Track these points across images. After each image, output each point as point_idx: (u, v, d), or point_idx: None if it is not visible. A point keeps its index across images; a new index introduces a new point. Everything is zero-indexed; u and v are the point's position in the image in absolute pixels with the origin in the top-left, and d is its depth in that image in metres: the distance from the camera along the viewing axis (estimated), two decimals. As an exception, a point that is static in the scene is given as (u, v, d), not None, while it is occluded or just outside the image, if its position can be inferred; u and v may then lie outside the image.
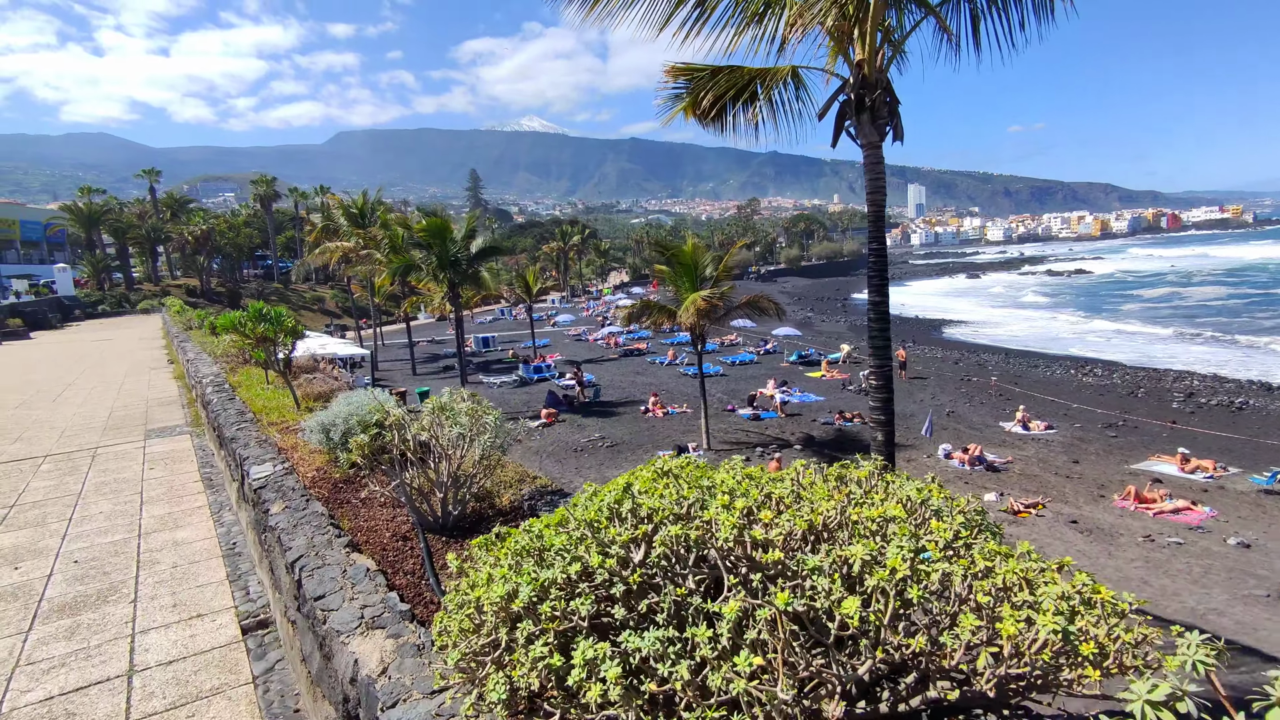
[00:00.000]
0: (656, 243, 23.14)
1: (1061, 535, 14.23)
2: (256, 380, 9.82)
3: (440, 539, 4.46)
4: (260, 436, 6.85)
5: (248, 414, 7.85)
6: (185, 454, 9.83)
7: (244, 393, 9.14)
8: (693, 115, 10.85)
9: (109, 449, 10.36)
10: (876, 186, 7.71)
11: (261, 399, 8.65)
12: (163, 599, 5.25)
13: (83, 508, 7.56)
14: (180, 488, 8.16)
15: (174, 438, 10.77)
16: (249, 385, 9.48)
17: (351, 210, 39.39)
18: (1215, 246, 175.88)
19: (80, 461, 9.66)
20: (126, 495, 7.91)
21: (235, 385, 9.44)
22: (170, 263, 78.63)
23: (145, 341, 28.97)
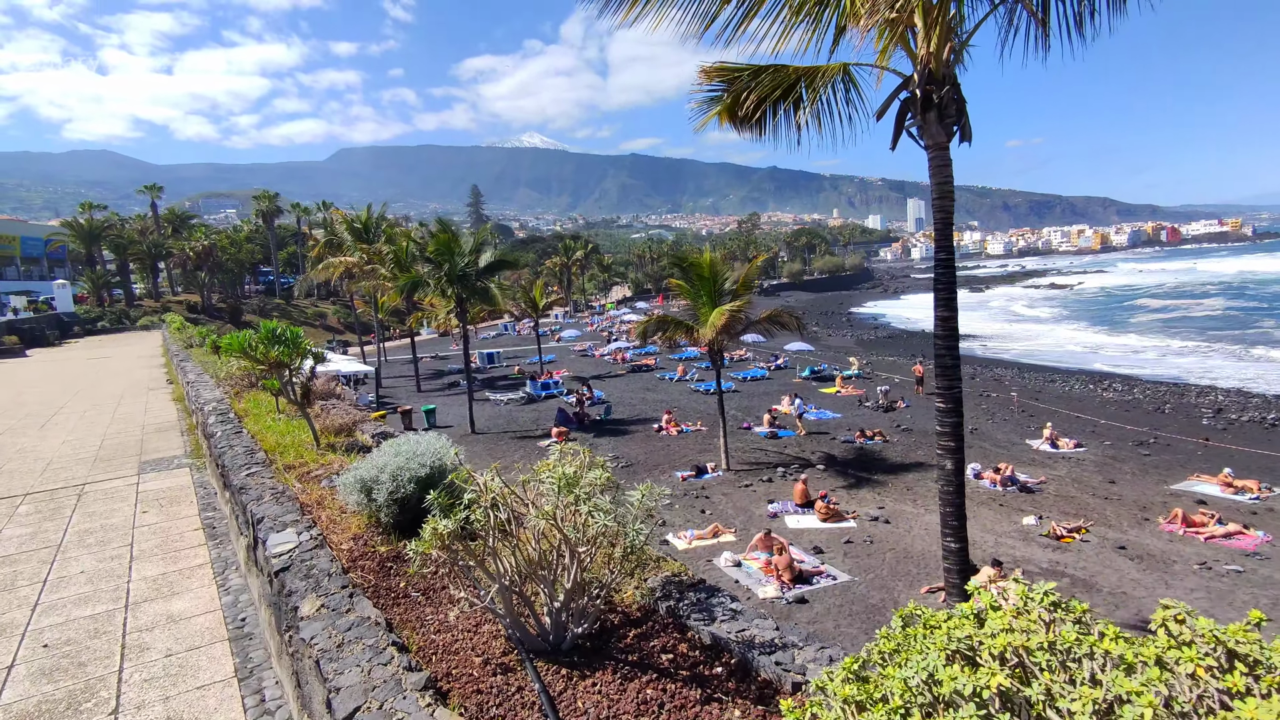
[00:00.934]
0: (674, 256, 22.47)
1: (1111, 563, 13.43)
2: (265, 408, 8.89)
3: (552, 666, 3.30)
4: (276, 486, 5.82)
5: (258, 452, 6.85)
6: (184, 493, 8.84)
7: (252, 424, 8.18)
8: (727, 120, 10.23)
9: (98, 486, 9.37)
10: (944, 191, 7.04)
11: (273, 433, 7.69)
12: (152, 709, 4.20)
13: (61, 565, 6.56)
14: (177, 538, 7.17)
15: (171, 472, 9.78)
16: (257, 414, 8.53)
17: (356, 225, 38.84)
18: (1217, 260, 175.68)
19: (64, 502, 8.68)
20: (114, 548, 6.92)
21: (241, 414, 8.52)
22: (171, 279, 78.14)
23: (144, 360, 28.23)
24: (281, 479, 6.14)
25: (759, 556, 13.83)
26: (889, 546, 14.50)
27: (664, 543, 15.04)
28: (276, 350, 6.58)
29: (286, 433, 7.62)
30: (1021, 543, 14.56)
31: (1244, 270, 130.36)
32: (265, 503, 5.37)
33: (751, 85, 8.72)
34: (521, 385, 37.86)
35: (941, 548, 7.63)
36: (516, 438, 25.75)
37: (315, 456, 6.70)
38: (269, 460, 6.75)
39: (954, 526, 7.26)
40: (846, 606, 11.93)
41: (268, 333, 6.59)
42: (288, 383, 6.73)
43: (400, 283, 26.82)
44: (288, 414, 8.26)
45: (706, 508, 17.19)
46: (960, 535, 7.28)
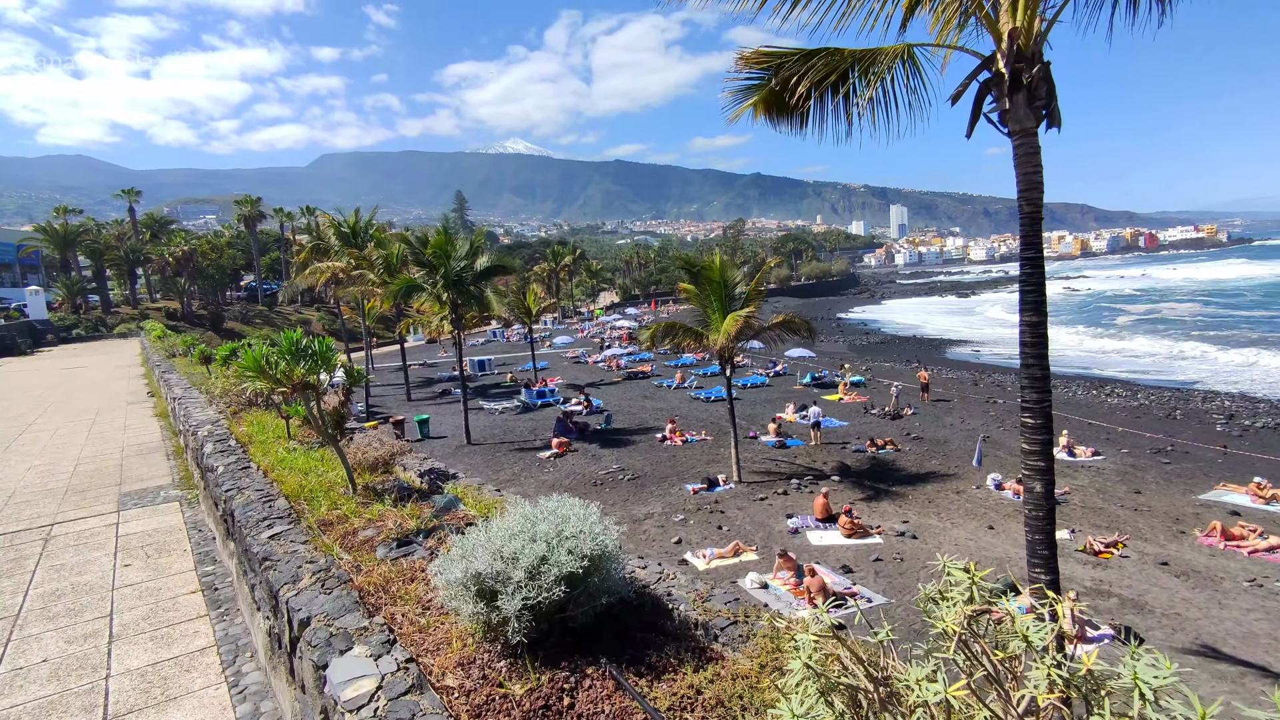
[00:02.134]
0: (684, 259, 21.71)
1: (1157, 580, 12.76)
2: (273, 432, 7.47)
3: None
4: (316, 559, 4.32)
5: (277, 499, 5.49)
6: (174, 536, 7.41)
7: (260, 454, 6.75)
8: (763, 112, 9.49)
9: (69, 528, 7.85)
10: (1032, 183, 6.29)
11: (291, 470, 6.25)
12: None
13: (17, 650, 5.15)
14: (169, 605, 5.83)
15: (157, 508, 8.31)
16: (263, 441, 7.11)
17: (343, 229, 37.67)
18: (1196, 265, 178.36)
19: (26, 550, 7.18)
20: (88, 621, 5.54)
21: (244, 440, 7.21)
22: (150, 285, 76.15)
23: (122, 370, 26.90)
24: (320, 544, 4.67)
25: (785, 577, 13.02)
26: (921, 564, 13.75)
27: (682, 562, 14.19)
28: (303, 367, 5.13)
29: (308, 469, 6.24)
30: (1058, 558, 13.84)
31: (1225, 276, 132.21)
32: (306, 589, 3.91)
33: (802, 70, 7.93)
34: (515, 393, 36.86)
35: (1029, 580, 6.85)
36: (515, 449, 24.78)
37: (355, 507, 5.25)
38: (294, 511, 5.31)
39: (1044, 557, 6.49)
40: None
41: (290, 344, 5.12)
42: (314, 407, 5.44)
43: (394, 286, 25.79)
44: (301, 440, 7.01)
45: (723, 523, 16.36)
46: (1051, 566, 6.52)
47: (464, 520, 4.77)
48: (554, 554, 3.12)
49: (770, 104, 9.23)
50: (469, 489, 5.81)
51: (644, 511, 17.39)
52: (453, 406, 33.53)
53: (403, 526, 4.74)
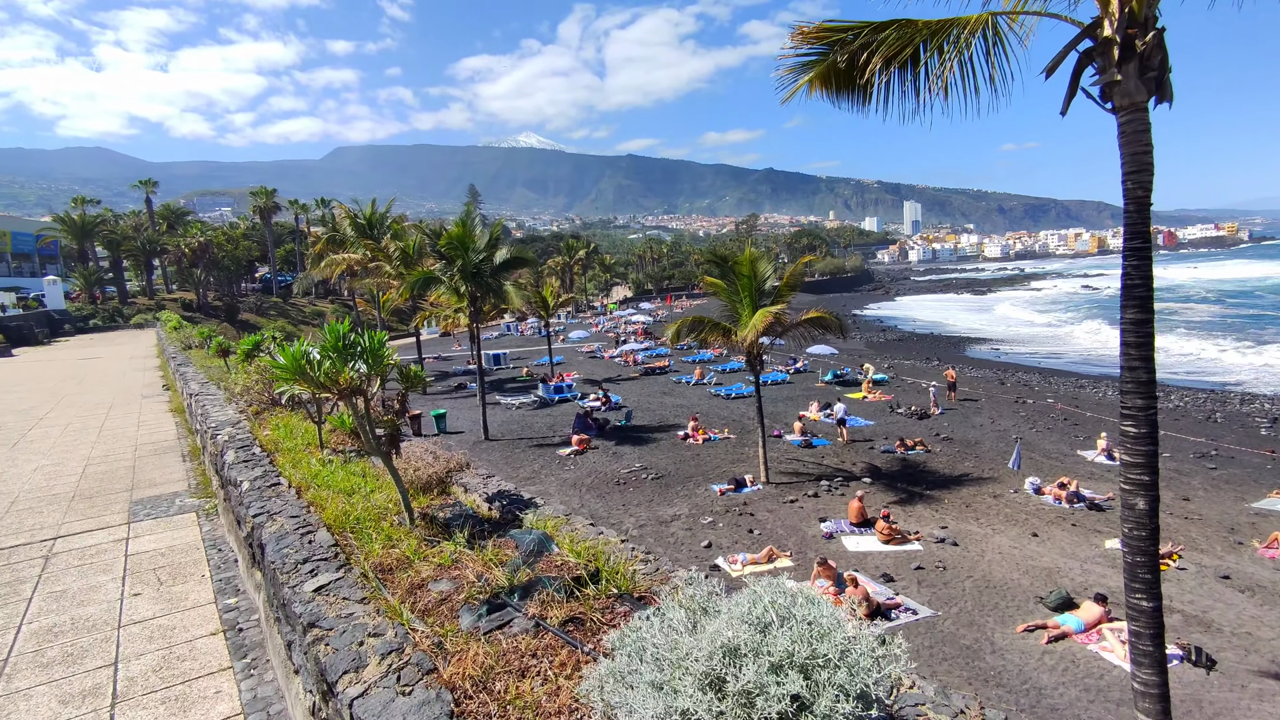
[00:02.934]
0: (712, 253, 21.06)
1: (1220, 595, 12.06)
2: (302, 438, 6.58)
3: None
4: (380, 629, 3.34)
5: (317, 530, 4.54)
6: (190, 556, 6.52)
7: (289, 464, 5.87)
8: (819, 87, 8.87)
9: (74, 542, 7.03)
10: (1141, 164, 5.64)
11: (325, 485, 5.44)
12: None
13: (3, 711, 4.45)
14: (185, 650, 4.96)
15: (172, 519, 7.45)
16: (292, 450, 6.26)
17: (359, 221, 37.27)
18: (1219, 263, 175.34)
19: (25, 569, 6.41)
20: (88, 669, 4.69)
21: (269, 447, 6.38)
22: (166, 276, 76.36)
23: (137, 361, 26.61)
24: (383, 604, 3.64)
25: (824, 585, 12.42)
26: (965, 573, 13.11)
27: (714, 567, 13.63)
28: (353, 369, 4.25)
29: (350, 488, 5.29)
30: (1111, 570, 13.18)
31: (1247, 275, 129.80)
32: (375, 684, 2.92)
33: (871, 44, 7.30)
34: (532, 388, 36.38)
35: (1126, 606, 6.22)
36: (533, 445, 24.29)
37: (417, 545, 4.34)
38: (341, 550, 4.33)
39: (1145, 581, 5.86)
40: (937, 648, 10.52)
41: (336, 339, 4.25)
42: (364, 418, 4.54)
43: (411, 278, 25.30)
44: (334, 447, 6.17)
45: (753, 526, 15.78)
46: (1154, 592, 5.89)
47: (569, 572, 3.81)
48: (817, 696, 2.03)
49: (828, 79, 8.63)
50: (555, 521, 4.86)
51: (670, 513, 16.83)
52: (468, 401, 33.09)
53: (487, 579, 3.76)
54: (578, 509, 17.25)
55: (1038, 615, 11.48)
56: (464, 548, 4.28)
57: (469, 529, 4.62)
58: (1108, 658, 10.10)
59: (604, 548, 4.12)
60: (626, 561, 3.60)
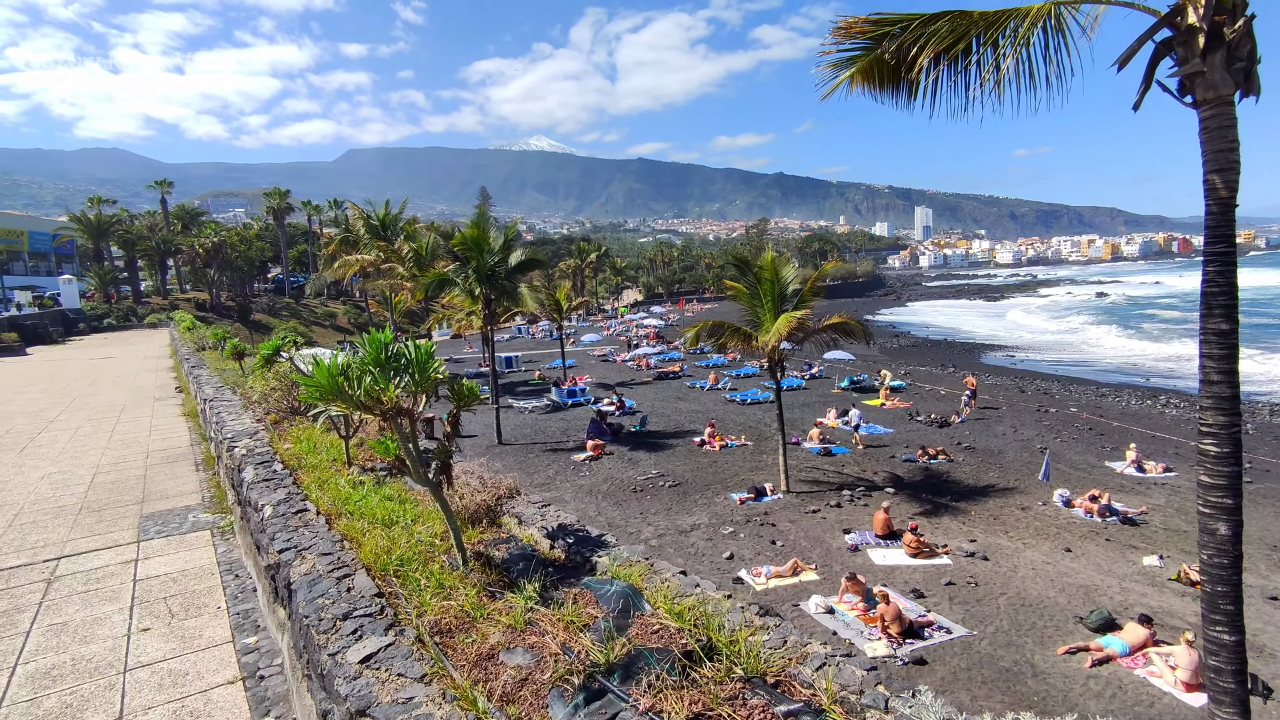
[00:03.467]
0: (734, 256, 20.69)
1: (1270, 618, 11.57)
2: (328, 453, 5.95)
3: None
4: None
5: (355, 573, 3.91)
6: (205, 583, 5.98)
7: (314, 485, 5.24)
8: (862, 83, 8.54)
9: (78, 564, 6.51)
10: (1226, 162, 5.25)
11: (359, 512, 4.83)
12: None
13: None
14: (199, 706, 4.42)
15: (184, 538, 6.95)
16: (317, 467, 5.70)
17: (373, 222, 37.15)
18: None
19: (25, 595, 5.93)
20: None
21: (292, 463, 5.79)
22: (180, 276, 76.75)
23: (150, 361, 26.48)
24: (449, 685, 3.00)
25: (852, 601, 12.01)
26: (999, 590, 12.65)
27: (737, 581, 13.23)
28: (400, 385, 3.71)
29: (387, 517, 4.68)
30: (1151, 589, 12.69)
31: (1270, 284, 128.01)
32: None
33: (921, 37, 6.94)
34: (544, 392, 36.10)
35: (1204, 639, 5.79)
36: (547, 450, 23.98)
37: (478, 599, 3.71)
38: (386, 598, 3.66)
39: (1228, 613, 5.44)
40: (975, 670, 10.08)
41: (377, 350, 3.70)
42: (411, 442, 3.94)
43: (426, 279, 25.07)
44: (363, 464, 5.63)
45: (775, 537, 15.36)
46: (1236, 625, 5.46)
47: (674, 642, 3.04)
48: None
49: (870, 75, 8.30)
50: (638, 568, 4.02)
51: (689, 522, 16.45)
52: (482, 405, 32.83)
53: (578, 652, 3.02)
54: (594, 517, 16.89)
55: (1078, 636, 11.02)
56: (536, 603, 3.58)
57: (538, 576, 3.95)
58: (1156, 684, 9.65)
59: (708, 607, 3.40)
60: (744, 629, 3.00)
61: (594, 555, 4.11)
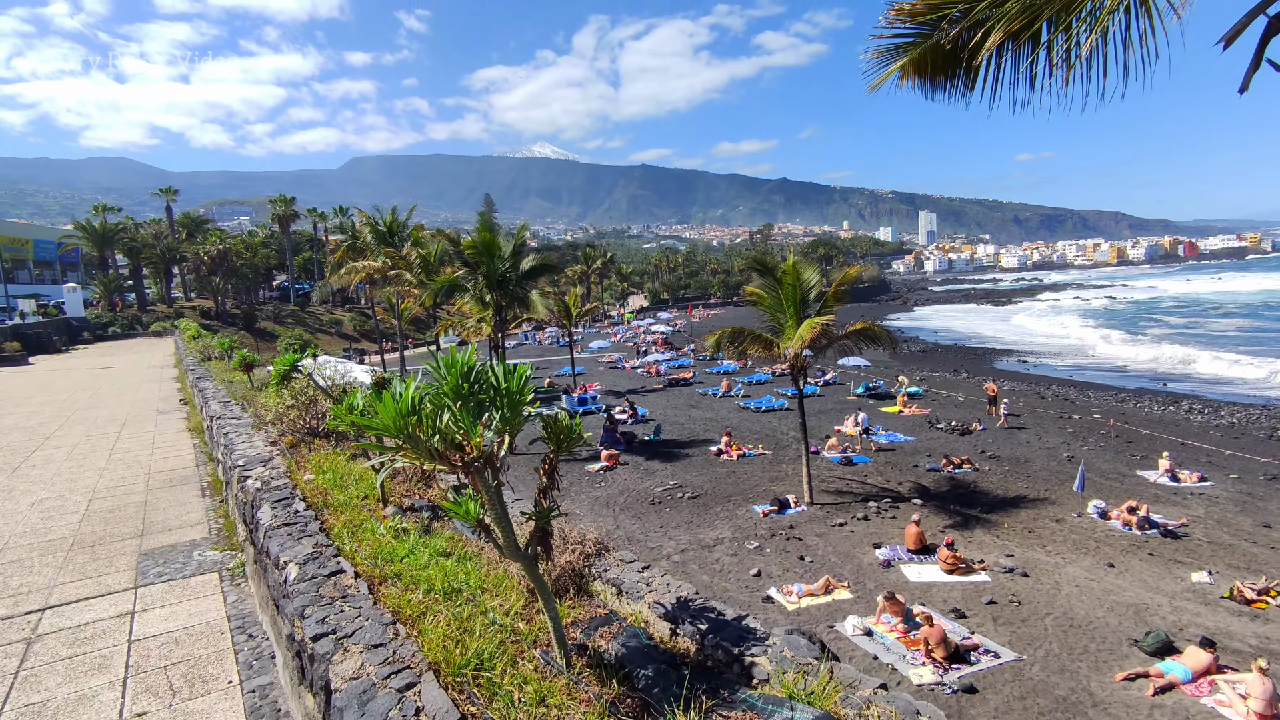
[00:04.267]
0: (755, 260, 20.16)
1: (1335, 639, 10.91)
2: (353, 485, 4.98)
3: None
4: None
5: (417, 671, 2.95)
6: (213, 645, 5.00)
7: (341, 526, 4.40)
8: (913, 74, 7.98)
9: (65, 618, 5.44)
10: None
11: (408, 575, 3.93)
12: None
13: None
14: None
15: (189, 581, 5.98)
16: (344, 505, 4.70)
17: (380, 228, 36.72)
18: (1244, 276, 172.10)
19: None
20: None
21: (316, 501, 4.82)
22: (185, 284, 76.50)
23: (154, 371, 25.98)
24: None
25: (891, 622, 11.40)
26: (1044, 609, 12.02)
27: (767, 600, 12.62)
28: (494, 426, 2.88)
29: (446, 582, 3.67)
30: (1204, 607, 12.04)
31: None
32: None
33: (988, 20, 6.37)
34: (554, 399, 35.55)
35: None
36: (560, 459, 23.35)
37: (567, 696, 2.87)
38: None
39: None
40: (1030, 699, 9.46)
41: (460, 376, 2.75)
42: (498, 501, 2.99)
43: (435, 285, 24.59)
44: (400, 501, 4.60)
45: (803, 553, 14.75)
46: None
47: None
48: None
49: (923, 65, 7.70)
50: (827, 688, 2.85)
51: (712, 536, 15.85)
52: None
53: None
54: (613, 530, 16.30)
55: (1134, 660, 10.38)
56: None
57: (676, 689, 2.79)
58: (1227, 714, 9.00)
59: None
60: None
61: (745, 650, 2.97)
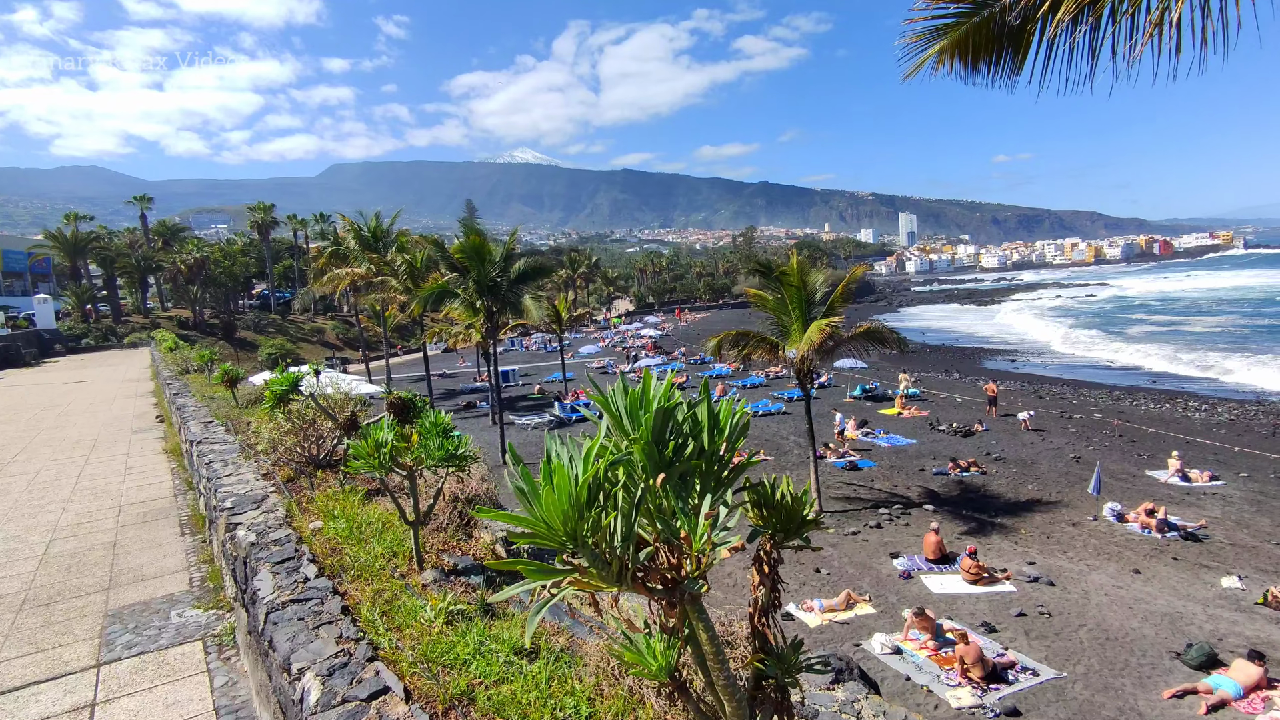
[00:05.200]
0: (758, 262, 19.60)
1: (1381, 646, 10.47)
2: (376, 540, 3.95)
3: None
4: None
5: None
6: None
7: (374, 605, 3.17)
8: (953, 57, 7.42)
9: (7, 711, 4.00)
10: None
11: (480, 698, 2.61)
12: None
13: None
14: None
15: (166, 655, 4.48)
16: (368, 569, 3.57)
17: (363, 234, 35.76)
18: (1218, 273, 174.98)
19: None
20: None
21: (328, 560, 3.66)
22: (161, 294, 74.64)
23: (129, 385, 24.86)
24: None
25: (919, 639, 10.81)
26: (1076, 621, 11.50)
27: (786, 617, 11.99)
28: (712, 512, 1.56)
29: (539, 699, 2.53)
30: (1240, 615, 11.58)
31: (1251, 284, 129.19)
32: None
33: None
34: (546, 407, 34.79)
35: None
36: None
37: None
38: None
39: None
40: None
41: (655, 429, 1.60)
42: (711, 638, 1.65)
43: (423, 291, 23.77)
44: (438, 563, 3.64)
45: (819, 564, 14.16)
46: None
47: None
48: None
49: (964, 47, 7.15)
50: None
51: (722, 548, 15.18)
52: (479, 421, 31.46)
53: None
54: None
55: (1178, 675, 9.87)
56: None
57: None
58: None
59: None
60: None
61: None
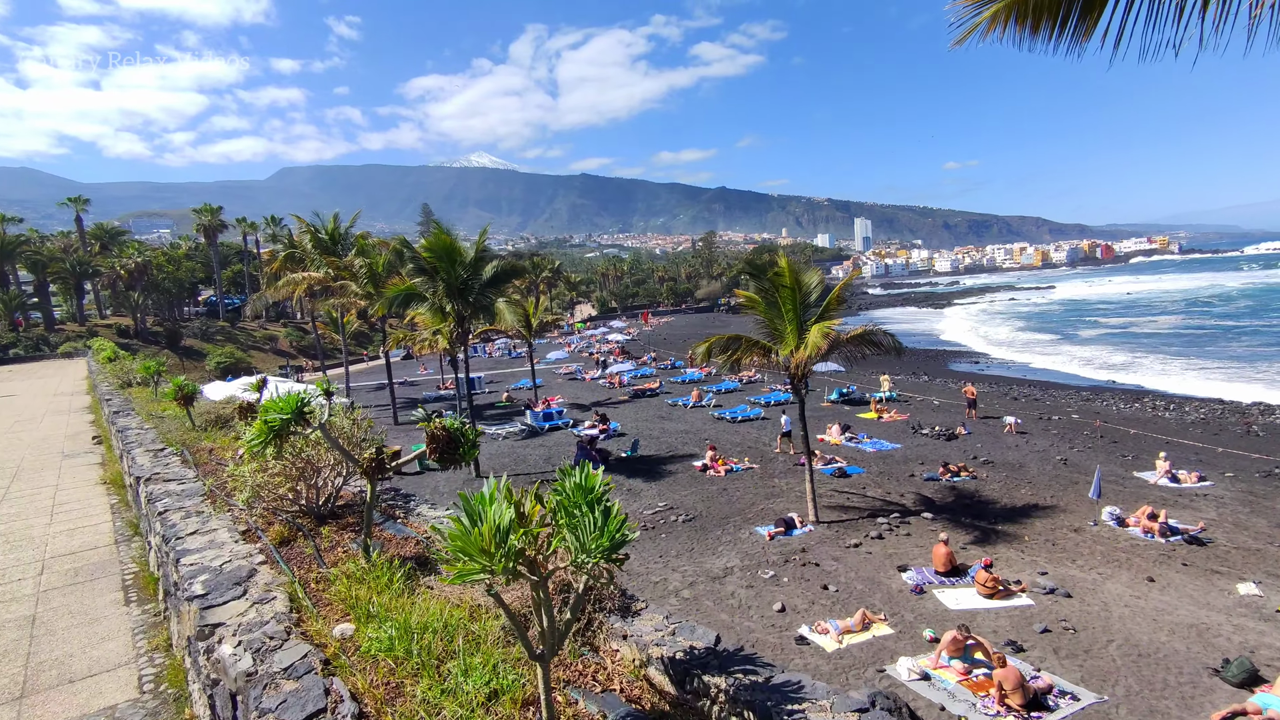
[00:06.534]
0: (750, 263, 18.82)
1: None
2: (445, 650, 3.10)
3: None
4: None
5: None
6: None
7: None
8: (1009, 19, 6.69)
9: None
10: None
11: None
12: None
13: None
14: None
15: None
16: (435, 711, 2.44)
17: (321, 236, 33.96)
18: (1160, 276, 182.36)
19: None
20: None
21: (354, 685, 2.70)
22: (99, 300, 70.57)
23: (62, 400, 22.75)
24: None
25: (949, 664, 10.08)
26: (1103, 636, 10.93)
27: (800, 640, 11.13)
28: None
29: None
30: (1265, 624, 11.16)
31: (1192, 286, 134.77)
32: None
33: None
34: (515, 415, 33.51)
35: None
36: (532, 482, 21.40)
37: None
38: None
39: None
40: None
41: None
42: None
43: (391, 292, 22.37)
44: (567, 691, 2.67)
45: (825, 580, 13.36)
46: None
47: None
48: None
49: (1024, 8, 6.43)
50: None
51: (720, 565, 14.31)
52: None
53: None
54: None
55: (1220, 694, 9.33)
56: None
57: None
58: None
59: None
60: None
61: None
